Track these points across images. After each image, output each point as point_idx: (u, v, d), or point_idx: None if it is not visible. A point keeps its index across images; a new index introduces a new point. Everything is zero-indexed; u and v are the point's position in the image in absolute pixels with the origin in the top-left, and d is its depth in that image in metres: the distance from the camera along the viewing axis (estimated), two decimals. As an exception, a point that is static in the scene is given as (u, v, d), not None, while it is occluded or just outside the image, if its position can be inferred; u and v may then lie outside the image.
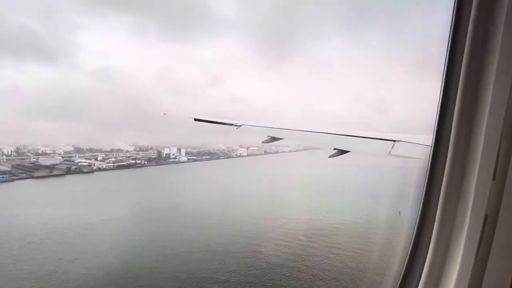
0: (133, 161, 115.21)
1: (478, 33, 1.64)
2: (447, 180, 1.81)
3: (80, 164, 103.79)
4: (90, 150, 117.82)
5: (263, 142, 9.08)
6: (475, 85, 1.68)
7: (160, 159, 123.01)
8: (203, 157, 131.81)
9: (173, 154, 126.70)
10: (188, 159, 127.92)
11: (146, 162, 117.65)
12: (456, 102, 1.75)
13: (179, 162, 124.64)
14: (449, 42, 1.78)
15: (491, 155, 1.64)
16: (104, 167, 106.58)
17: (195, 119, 10.47)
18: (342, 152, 6.94)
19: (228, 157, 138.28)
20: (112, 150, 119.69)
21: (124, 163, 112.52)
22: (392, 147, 6.16)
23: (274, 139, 9.00)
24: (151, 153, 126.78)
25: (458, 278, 1.77)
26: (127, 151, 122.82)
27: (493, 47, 1.59)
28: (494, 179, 1.64)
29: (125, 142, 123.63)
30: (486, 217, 1.67)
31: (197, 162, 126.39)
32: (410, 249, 2.08)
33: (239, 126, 9.79)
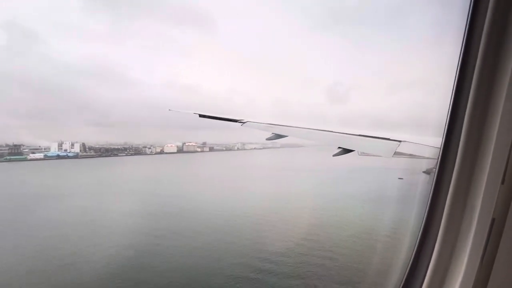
0: None
1: (493, 35, 1.62)
2: (455, 182, 1.81)
3: None
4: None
5: (267, 139, 9.20)
6: (488, 88, 1.67)
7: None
8: (79, 153, 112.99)
9: (61, 150, 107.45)
10: (45, 156, 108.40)
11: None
12: (468, 104, 1.74)
13: (23, 160, 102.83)
14: (463, 45, 1.76)
15: (502, 158, 1.63)
16: None
17: (200, 115, 10.49)
18: (347, 151, 6.80)
19: (139, 153, 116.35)
20: (16, 146, 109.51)
21: None
22: (398, 147, 6.03)
23: (278, 136, 9.05)
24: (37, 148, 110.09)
25: (462, 282, 1.76)
26: (38, 147, 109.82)
27: (508, 51, 1.58)
28: (503, 182, 1.63)
29: (42, 137, 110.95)
30: (493, 220, 1.66)
31: (58, 161, 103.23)
32: (414, 251, 2.06)
33: (244, 122, 9.83)
